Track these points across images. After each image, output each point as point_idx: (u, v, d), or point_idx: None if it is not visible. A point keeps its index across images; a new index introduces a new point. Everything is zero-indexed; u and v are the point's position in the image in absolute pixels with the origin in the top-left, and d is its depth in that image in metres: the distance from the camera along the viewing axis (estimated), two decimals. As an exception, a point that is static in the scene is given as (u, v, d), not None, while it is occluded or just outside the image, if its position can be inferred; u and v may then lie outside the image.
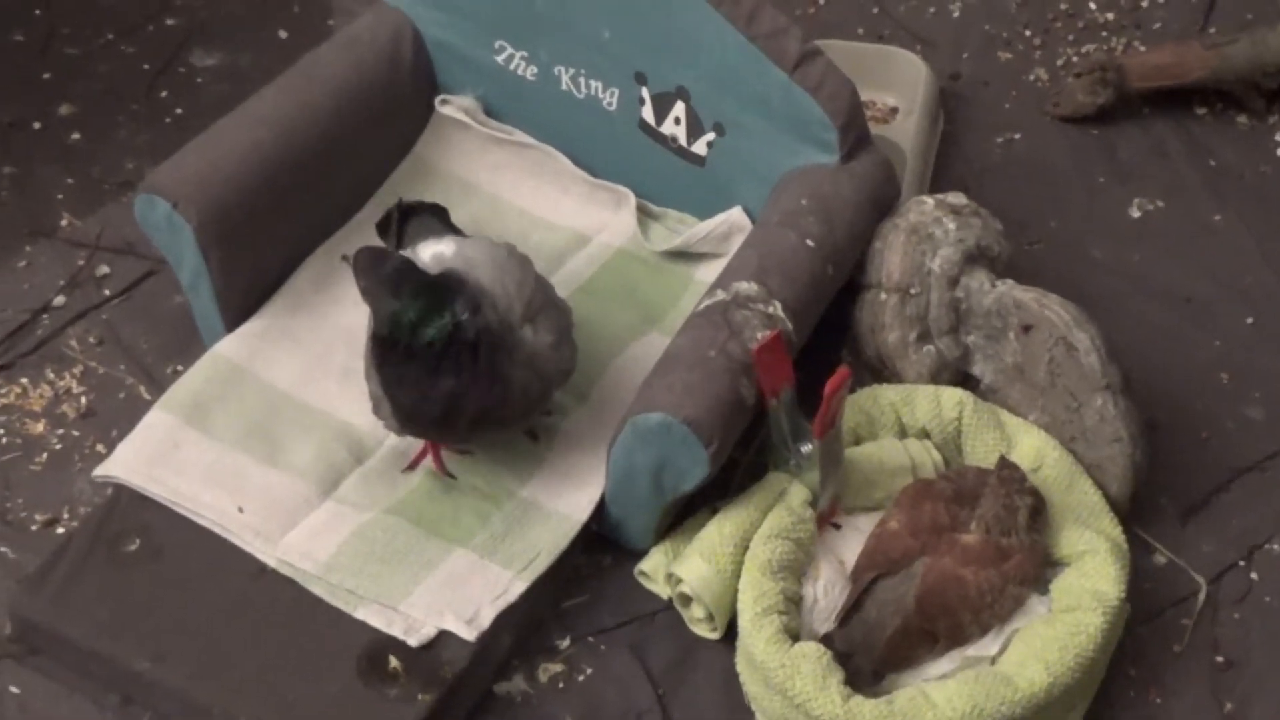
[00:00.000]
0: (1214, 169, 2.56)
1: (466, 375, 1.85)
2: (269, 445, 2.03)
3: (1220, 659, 1.96)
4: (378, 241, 2.18)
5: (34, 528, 2.05)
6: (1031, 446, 2.01)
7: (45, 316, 2.30)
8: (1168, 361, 2.26)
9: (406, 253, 1.99)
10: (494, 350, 1.86)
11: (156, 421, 2.04)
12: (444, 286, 1.86)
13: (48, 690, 1.90)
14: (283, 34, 2.75)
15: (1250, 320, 2.34)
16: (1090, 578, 1.87)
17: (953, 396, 2.04)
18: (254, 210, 2.11)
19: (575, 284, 2.23)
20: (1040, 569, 1.91)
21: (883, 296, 2.10)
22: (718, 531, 1.92)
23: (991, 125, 2.64)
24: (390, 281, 1.85)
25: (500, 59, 2.34)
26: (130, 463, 2.00)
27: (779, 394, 1.93)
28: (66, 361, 2.24)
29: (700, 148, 2.25)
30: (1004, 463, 1.94)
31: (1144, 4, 2.85)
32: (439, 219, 2.17)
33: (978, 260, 2.11)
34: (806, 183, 2.13)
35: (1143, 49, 2.74)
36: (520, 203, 2.36)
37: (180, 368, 2.19)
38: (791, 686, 1.77)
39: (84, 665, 1.89)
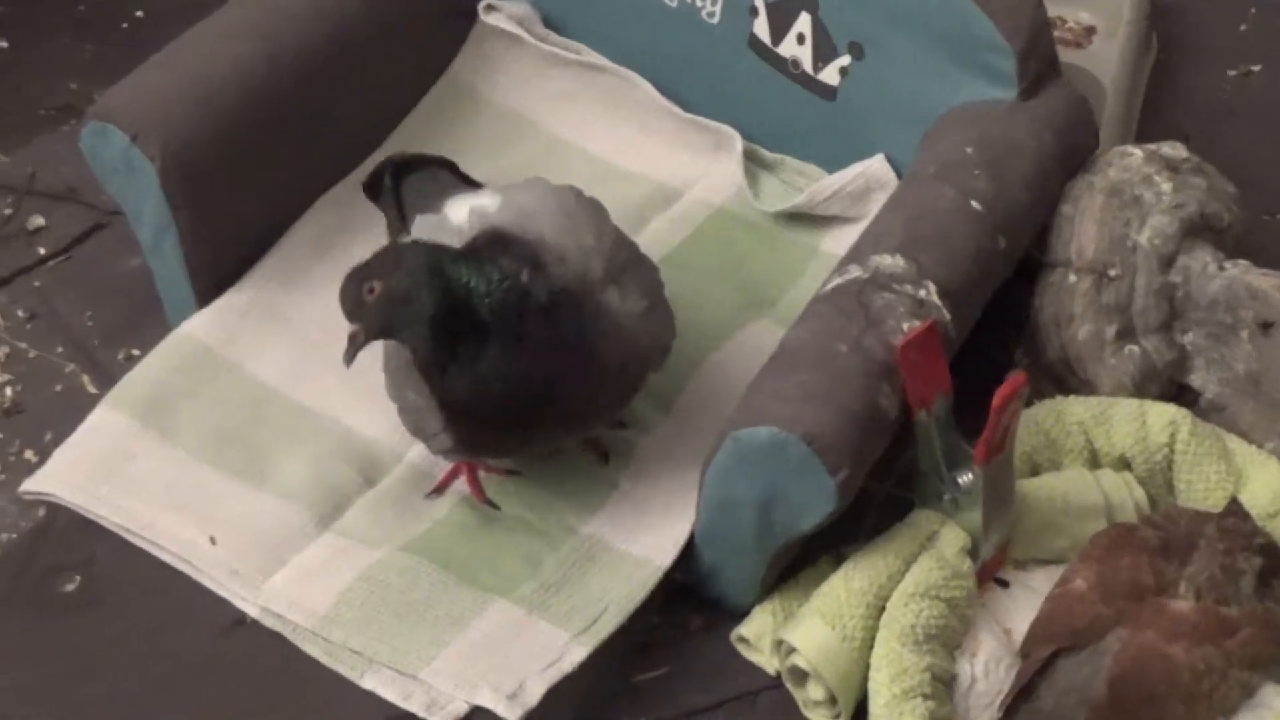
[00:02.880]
0: None
1: (559, 350, 1.85)
2: (250, 458, 2.07)
3: None
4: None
5: (-60, 559, 2.09)
6: (1268, 485, 2.02)
7: (-41, 282, 2.35)
8: None
9: (430, 217, 1.99)
10: (578, 314, 1.87)
11: (104, 423, 2.08)
12: (475, 253, 1.86)
13: (-47, 773, 1.94)
14: (275, -85, 2.79)
15: None
16: (1345, 662, 1.88)
17: (1163, 415, 2.05)
18: (236, 147, 2.15)
19: (659, 254, 2.23)
20: (1277, 648, 1.91)
21: (1072, 279, 2.12)
22: (844, 587, 1.94)
23: (1221, 53, 2.65)
24: (408, 279, 1.83)
25: (566, -49, 2.38)
26: (69, 476, 2.04)
27: (930, 405, 1.94)
28: (-14, 342, 2.30)
29: (830, 75, 2.27)
30: (1231, 507, 1.95)
31: None
32: (448, 171, 2.20)
33: (1200, 233, 2.11)
34: (972, 125, 2.15)
35: None
36: (588, 144, 2.40)
37: (136, 352, 2.24)
38: (940, 795, 1.80)
39: (2, 742, 1.93)
